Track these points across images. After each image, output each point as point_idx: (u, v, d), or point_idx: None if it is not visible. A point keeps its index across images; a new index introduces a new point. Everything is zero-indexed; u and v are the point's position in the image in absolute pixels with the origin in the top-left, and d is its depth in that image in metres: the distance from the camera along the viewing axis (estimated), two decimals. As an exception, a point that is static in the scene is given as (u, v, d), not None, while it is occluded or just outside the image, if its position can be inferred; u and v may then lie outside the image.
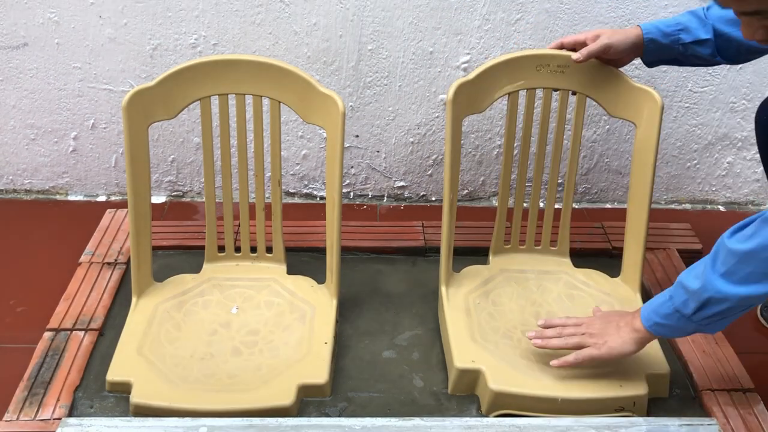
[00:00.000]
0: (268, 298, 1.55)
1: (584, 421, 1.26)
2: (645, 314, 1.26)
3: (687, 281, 1.19)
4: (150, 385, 1.32)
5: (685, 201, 2.11)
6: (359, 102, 1.93)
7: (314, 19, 1.82)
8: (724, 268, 1.14)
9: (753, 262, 1.12)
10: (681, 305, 1.20)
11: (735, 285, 1.14)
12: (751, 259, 1.12)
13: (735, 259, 1.13)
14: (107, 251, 1.70)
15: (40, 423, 1.29)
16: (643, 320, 1.26)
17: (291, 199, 2.07)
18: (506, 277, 1.60)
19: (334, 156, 1.44)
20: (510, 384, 1.33)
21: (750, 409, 1.34)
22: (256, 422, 1.24)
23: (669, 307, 1.22)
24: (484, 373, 1.35)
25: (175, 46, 1.84)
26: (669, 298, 1.22)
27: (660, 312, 1.23)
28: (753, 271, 1.12)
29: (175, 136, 1.97)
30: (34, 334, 1.49)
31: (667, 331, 1.25)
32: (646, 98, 1.47)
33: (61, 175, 2.02)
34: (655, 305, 1.25)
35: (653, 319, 1.25)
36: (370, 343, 1.51)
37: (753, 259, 1.12)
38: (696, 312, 1.19)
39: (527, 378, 1.34)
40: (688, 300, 1.19)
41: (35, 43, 1.84)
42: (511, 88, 1.50)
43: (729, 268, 1.14)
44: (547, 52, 1.50)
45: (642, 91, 1.48)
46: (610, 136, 1.99)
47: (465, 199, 2.08)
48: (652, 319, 1.25)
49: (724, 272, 1.14)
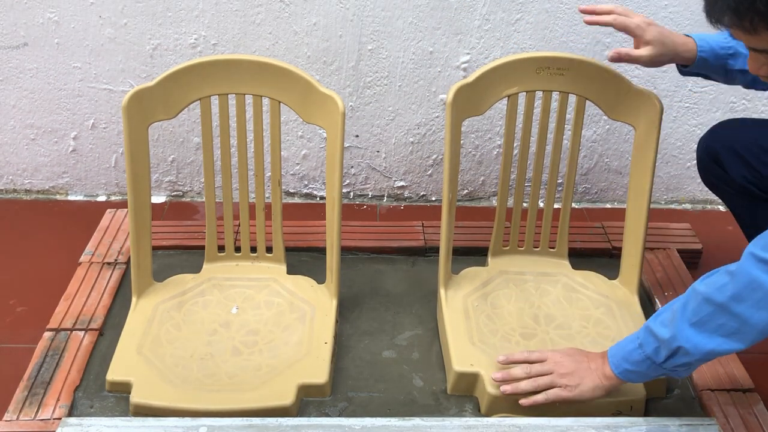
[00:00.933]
0: (268, 298, 1.55)
1: (584, 421, 1.26)
2: (614, 361, 1.25)
3: (656, 329, 1.17)
4: (150, 385, 1.32)
5: (685, 201, 2.11)
6: (359, 102, 1.93)
7: (314, 19, 1.82)
8: (696, 318, 1.13)
9: (724, 315, 1.10)
10: (652, 353, 1.18)
11: (705, 336, 1.12)
12: (723, 312, 1.10)
13: (708, 309, 1.12)
14: (107, 251, 1.70)
15: (40, 423, 1.29)
16: (613, 367, 1.25)
17: (291, 199, 2.07)
18: (505, 279, 1.60)
19: (334, 156, 1.44)
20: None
21: (750, 409, 1.34)
22: (256, 422, 1.24)
23: (640, 354, 1.20)
24: (483, 377, 1.35)
25: (175, 46, 1.84)
26: (639, 345, 1.20)
27: (630, 359, 1.22)
28: (724, 324, 1.11)
29: (175, 136, 1.97)
30: (34, 334, 1.49)
31: (637, 377, 1.24)
32: (645, 102, 1.47)
33: (61, 175, 2.02)
34: (624, 352, 1.23)
35: (623, 366, 1.23)
36: (370, 343, 1.51)
37: (725, 312, 1.10)
38: (667, 360, 1.17)
39: None
40: (660, 348, 1.17)
41: (35, 43, 1.84)
42: (511, 91, 1.50)
43: (701, 318, 1.12)
44: (547, 54, 1.50)
45: (641, 95, 1.48)
46: (610, 136, 1.99)
47: (465, 198, 2.08)
48: (622, 366, 1.23)
49: (695, 322, 1.13)
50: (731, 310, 1.09)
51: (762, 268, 1.06)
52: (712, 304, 1.11)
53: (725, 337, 1.11)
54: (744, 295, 1.08)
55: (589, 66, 1.49)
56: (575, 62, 1.49)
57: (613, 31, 1.83)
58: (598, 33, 1.85)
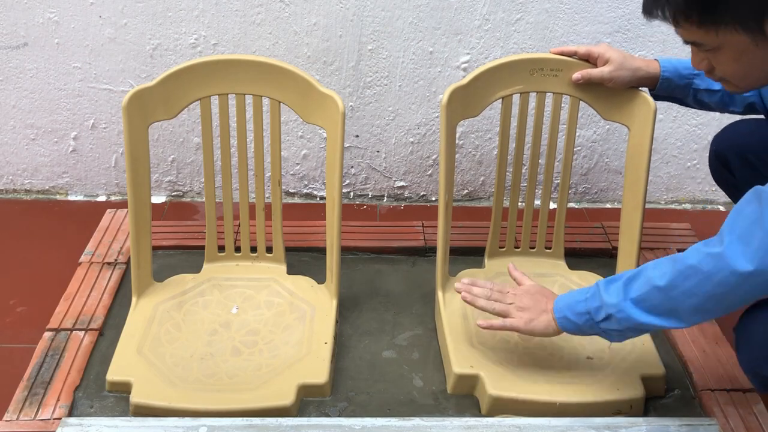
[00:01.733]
0: (268, 298, 1.55)
1: (584, 421, 1.26)
2: (558, 306, 1.27)
3: (604, 292, 1.21)
4: (150, 385, 1.32)
5: (685, 201, 2.11)
6: (359, 102, 1.93)
7: (314, 19, 1.82)
8: (637, 293, 1.17)
9: (661, 297, 1.14)
10: (593, 310, 1.21)
11: (640, 311, 1.17)
12: (661, 294, 1.14)
13: (647, 288, 1.16)
14: (107, 251, 1.70)
15: (40, 423, 1.29)
16: (555, 311, 1.27)
17: (291, 199, 2.07)
18: (502, 280, 1.59)
19: (334, 156, 1.44)
20: (508, 389, 1.33)
21: (750, 409, 1.34)
22: (256, 422, 1.24)
23: (583, 307, 1.23)
24: (483, 379, 1.35)
25: (175, 46, 1.84)
26: (585, 299, 1.23)
27: (574, 309, 1.25)
28: (659, 305, 1.15)
29: (175, 136, 1.97)
30: (34, 334, 1.49)
31: (573, 328, 1.27)
32: (639, 102, 1.48)
33: (61, 175, 2.02)
34: (571, 301, 1.26)
35: (564, 312, 1.26)
36: (370, 343, 1.51)
37: (662, 294, 1.14)
38: (603, 320, 1.21)
39: (525, 383, 1.34)
40: (601, 308, 1.20)
41: (35, 43, 1.84)
42: (505, 93, 1.50)
43: (641, 294, 1.16)
44: (541, 55, 1.51)
45: (635, 95, 1.48)
46: (610, 136, 1.99)
47: (465, 198, 2.08)
48: (563, 313, 1.26)
49: (635, 297, 1.17)
50: (666, 294, 1.13)
51: (699, 258, 1.10)
52: (651, 286, 1.15)
53: (658, 316, 1.16)
54: (677, 282, 1.12)
55: (582, 67, 1.49)
56: (569, 63, 1.49)
57: (613, 31, 1.84)
58: (598, 33, 1.85)
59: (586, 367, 1.39)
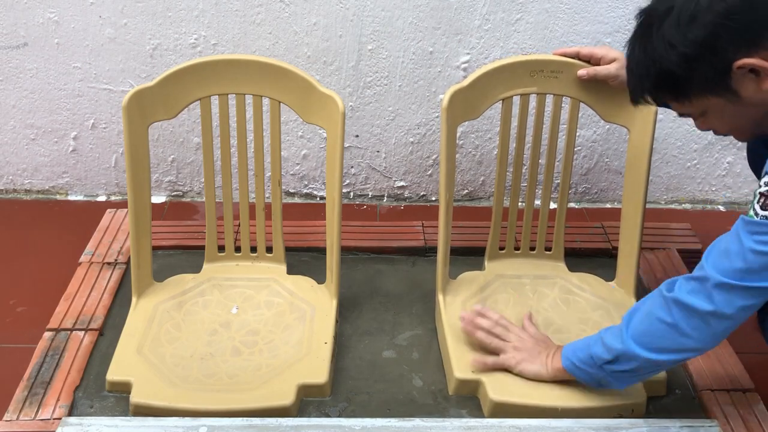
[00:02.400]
0: (268, 298, 1.55)
1: (584, 423, 1.26)
2: (565, 352, 1.30)
3: (606, 336, 1.23)
4: (150, 385, 1.32)
5: (685, 201, 2.11)
6: (359, 102, 1.93)
7: (314, 19, 1.82)
8: (637, 330, 1.19)
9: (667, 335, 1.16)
10: (596, 354, 1.23)
11: (646, 350, 1.18)
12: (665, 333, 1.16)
13: (648, 326, 1.17)
14: (107, 251, 1.70)
15: (40, 423, 1.29)
16: (563, 358, 1.29)
17: (291, 199, 2.07)
18: (502, 283, 1.60)
19: (334, 156, 1.44)
20: (510, 394, 1.33)
21: (750, 409, 1.34)
22: (256, 422, 1.24)
23: (586, 352, 1.25)
24: (485, 384, 1.34)
25: (175, 46, 1.84)
26: (588, 345, 1.26)
27: (578, 355, 1.27)
28: (664, 345, 1.17)
29: (175, 136, 1.97)
30: (34, 334, 1.49)
31: (582, 375, 1.28)
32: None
33: (61, 175, 2.02)
34: (574, 347, 1.29)
35: (571, 359, 1.28)
36: (369, 342, 1.51)
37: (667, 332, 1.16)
38: (608, 363, 1.22)
39: (527, 387, 1.34)
40: (604, 351, 1.22)
41: (35, 43, 1.84)
42: (506, 94, 1.50)
43: (642, 331, 1.18)
44: (541, 57, 1.50)
45: None
46: (610, 136, 1.99)
47: (465, 198, 2.08)
48: (570, 359, 1.28)
49: (636, 334, 1.18)
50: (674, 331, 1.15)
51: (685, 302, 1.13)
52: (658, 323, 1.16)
53: (665, 353, 1.18)
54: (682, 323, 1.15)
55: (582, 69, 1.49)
56: (569, 65, 1.49)
57: (613, 31, 1.84)
58: (598, 33, 1.85)
59: None
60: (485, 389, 1.34)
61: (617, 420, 1.28)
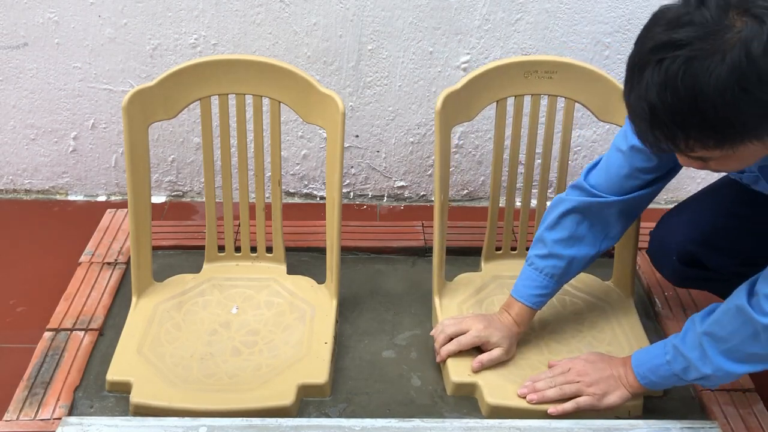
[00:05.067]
0: (268, 298, 1.55)
1: (584, 424, 1.26)
2: (640, 372, 1.28)
3: (686, 350, 1.21)
4: (150, 384, 1.32)
5: (685, 201, 2.11)
6: (359, 102, 1.93)
7: (314, 19, 1.82)
8: (726, 346, 1.17)
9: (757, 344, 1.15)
10: (681, 372, 1.23)
11: (738, 364, 1.18)
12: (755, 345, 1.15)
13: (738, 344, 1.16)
14: (107, 251, 1.70)
15: (40, 423, 1.29)
16: (639, 378, 1.28)
17: (291, 199, 2.07)
18: (499, 284, 1.60)
19: (334, 156, 1.44)
20: (507, 398, 1.33)
21: (750, 409, 1.34)
22: (256, 422, 1.24)
23: (667, 370, 1.24)
24: (481, 387, 1.34)
25: (175, 46, 1.84)
26: (667, 362, 1.24)
27: (658, 373, 1.26)
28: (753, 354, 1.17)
29: (175, 136, 1.97)
30: (34, 334, 1.49)
31: (662, 387, 1.31)
32: None
33: (61, 175, 2.02)
34: (651, 366, 1.27)
35: (650, 377, 1.27)
36: (369, 342, 1.51)
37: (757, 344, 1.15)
38: (695, 380, 1.23)
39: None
40: (689, 369, 1.22)
41: (35, 43, 1.84)
42: (500, 96, 1.50)
43: (730, 347, 1.17)
44: (535, 58, 1.50)
45: None
46: (610, 136, 1.99)
47: (465, 198, 2.08)
48: (649, 378, 1.27)
49: (725, 350, 1.17)
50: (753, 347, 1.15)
51: None
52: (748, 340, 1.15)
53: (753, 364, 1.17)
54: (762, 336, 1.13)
55: (577, 69, 1.48)
56: (563, 65, 1.49)
57: (613, 31, 1.84)
58: (598, 33, 1.85)
59: None
60: (482, 392, 1.34)
61: (617, 421, 1.28)
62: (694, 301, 1.59)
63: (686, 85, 0.93)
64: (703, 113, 0.94)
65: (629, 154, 1.29)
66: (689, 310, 1.57)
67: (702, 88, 0.92)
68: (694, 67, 0.92)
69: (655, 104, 0.95)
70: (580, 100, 1.51)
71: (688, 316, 1.54)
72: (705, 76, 0.92)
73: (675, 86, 0.93)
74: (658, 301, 1.60)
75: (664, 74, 0.94)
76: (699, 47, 0.92)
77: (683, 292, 1.61)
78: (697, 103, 0.93)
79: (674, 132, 0.97)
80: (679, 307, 1.58)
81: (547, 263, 1.37)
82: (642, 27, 1.00)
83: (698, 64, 0.92)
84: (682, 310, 1.57)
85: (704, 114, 0.94)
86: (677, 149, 1.01)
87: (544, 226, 1.39)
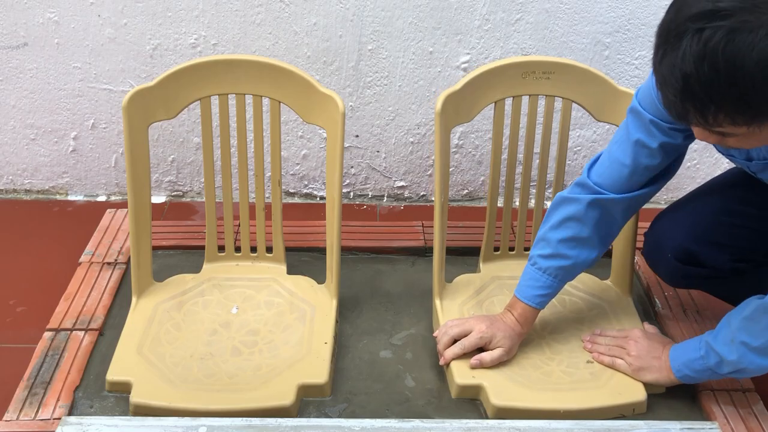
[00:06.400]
0: (268, 298, 1.55)
1: (584, 424, 1.26)
2: (676, 365, 1.32)
3: (719, 348, 1.24)
4: (150, 384, 1.32)
5: (685, 201, 2.10)
6: (359, 102, 1.93)
7: (314, 19, 1.82)
8: (758, 342, 1.19)
9: None
10: (715, 366, 1.26)
11: None
12: None
13: None
14: (107, 251, 1.70)
15: (40, 423, 1.29)
16: (675, 371, 1.32)
17: (291, 199, 2.07)
18: (498, 285, 1.60)
19: (334, 156, 1.44)
20: (512, 399, 1.33)
21: (750, 409, 1.34)
22: (255, 422, 1.24)
23: (702, 365, 1.28)
24: (486, 389, 1.34)
25: (175, 46, 1.84)
26: (701, 357, 1.27)
27: (693, 368, 1.30)
28: None
29: (175, 136, 1.97)
30: (34, 334, 1.49)
31: (696, 380, 1.34)
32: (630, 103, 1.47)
33: (61, 175, 2.02)
34: (686, 360, 1.30)
35: (684, 371, 1.31)
36: (369, 342, 1.51)
37: None
38: (729, 373, 1.26)
39: (528, 391, 1.34)
40: (722, 364, 1.25)
41: (35, 43, 1.84)
42: (498, 97, 1.50)
43: (763, 343, 1.19)
44: (532, 58, 1.51)
45: (627, 96, 1.47)
46: (610, 136, 1.98)
47: (465, 198, 2.08)
48: (683, 371, 1.31)
49: (758, 346, 1.19)
50: None
51: None
52: None
53: None
54: None
55: (574, 69, 1.49)
56: (560, 66, 1.49)
57: (613, 31, 1.84)
58: (598, 33, 1.85)
59: (587, 371, 1.39)
60: (486, 394, 1.34)
61: (617, 422, 1.28)
62: (694, 301, 1.59)
63: (726, 58, 0.89)
64: (741, 88, 0.91)
65: (633, 149, 1.29)
66: (689, 310, 1.57)
67: (743, 62, 0.89)
68: (736, 40, 0.89)
69: (691, 74, 0.92)
70: (577, 100, 1.51)
71: (688, 316, 1.55)
72: (747, 51, 0.88)
73: (714, 58, 0.90)
74: (658, 301, 1.60)
75: (703, 45, 0.90)
76: (743, 19, 0.89)
77: (683, 292, 1.61)
78: (736, 78, 0.90)
79: (706, 105, 0.94)
80: (679, 307, 1.58)
81: (551, 263, 1.37)
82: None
83: (741, 37, 0.89)
84: (682, 310, 1.57)
85: (741, 89, 0.91)
86: (704, 123, 0.97)
87: (547, 226, 1.38)
